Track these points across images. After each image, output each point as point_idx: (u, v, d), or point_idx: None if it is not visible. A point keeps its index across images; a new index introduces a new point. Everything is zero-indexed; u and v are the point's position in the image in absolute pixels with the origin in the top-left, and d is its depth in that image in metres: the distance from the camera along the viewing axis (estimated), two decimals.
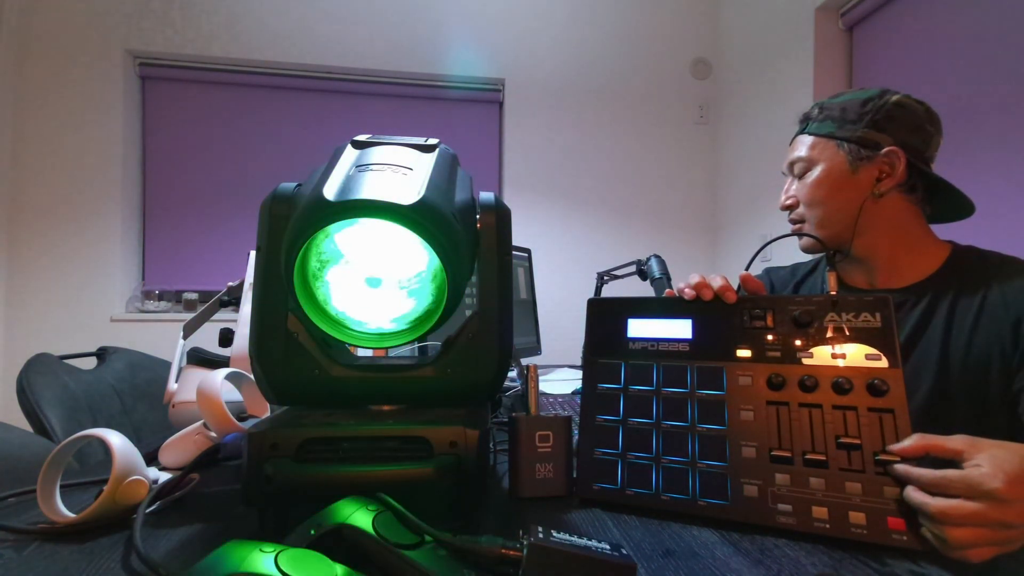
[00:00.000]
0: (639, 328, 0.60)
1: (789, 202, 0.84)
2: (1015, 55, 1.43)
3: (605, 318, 0.62)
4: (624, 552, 0.38)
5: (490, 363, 0.53)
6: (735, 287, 0.59)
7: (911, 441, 0.45)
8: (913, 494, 0.43)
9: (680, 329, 0.58)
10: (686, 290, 0.60)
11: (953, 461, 0.44)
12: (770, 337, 0.54)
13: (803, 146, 0.81)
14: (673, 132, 2.72)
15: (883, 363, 0.49)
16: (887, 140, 0.75)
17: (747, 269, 0.65)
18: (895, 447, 0.46)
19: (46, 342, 2.12)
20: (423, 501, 0.41)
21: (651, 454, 0.54)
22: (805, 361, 0.52)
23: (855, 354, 0.51)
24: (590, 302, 0.63)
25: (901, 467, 0.45)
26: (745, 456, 0.50)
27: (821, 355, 0.52)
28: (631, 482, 0.54)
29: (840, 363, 0.51)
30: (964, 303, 0.72)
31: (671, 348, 0.58)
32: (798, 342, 0.53)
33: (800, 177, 0.82)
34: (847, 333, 0.52)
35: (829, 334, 0.52)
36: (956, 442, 0.44)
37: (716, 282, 0.59)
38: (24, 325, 2.20)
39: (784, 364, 0.52)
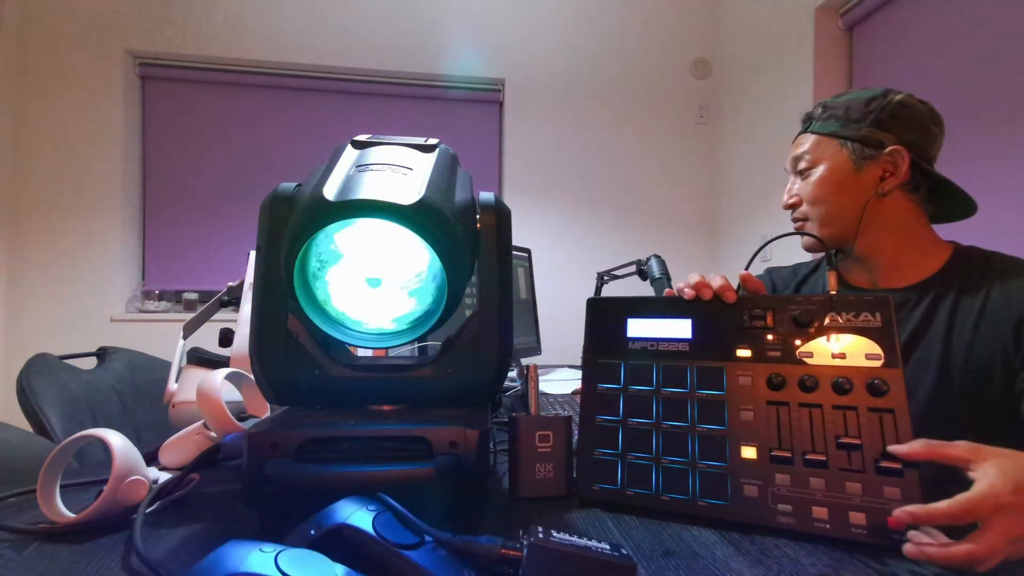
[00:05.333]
0: (639, 328, 0.60)
1: (792, 201, 0.84)
2: (1015, 55, 1.42)
3: (605, 318, 0.61)
4: (624, 552, 0.38)
5: (490, 363, 0.53)
6: (735, 287, 0.59)
7: (915, 447, 0.45)
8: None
9: (680, 329, 0.58)
10: (686, 290, 0.60)
11: (955, 468, 0.44)
12: (770, 337, 0.54)
13: (806, 145, 0.81)
14: (673, 132, 2.72)
15: (883, 363, 0.49)
16: (891, 139, 0.75)
17: (747, 268, 0.64)
18: (897, 450, 0.45)
19: (46, 342, 2.12)
20: (423, 501, 0.41)
21: (651, 454, 0.54)
22: (805, 361, 0.52)
23: (855, 354, 0.50)
24: (589, 302, 0.63)
25: (914, 549, 0.42)
26: (745, 456, 0.50)
27: (821, 355, 0.51)
28: (631, 482, 0.54)
29: (840, 363, 0.51)
30: (966, 303, 0.72)
31: (671, 348, 0.57)
32: (798, 342, 0.53)
33: (803, 176, 0.82)
34: (847, 333, 0.51)
35: (829, 334, 0.52)
36: (960, 449, 0.44)
37: (716, 281, 0.58)
38: (24, 325, 2.20)
39: (784, 364, 0.52)
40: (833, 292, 0.56)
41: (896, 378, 0.48)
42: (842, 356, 0.51)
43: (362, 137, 0.55)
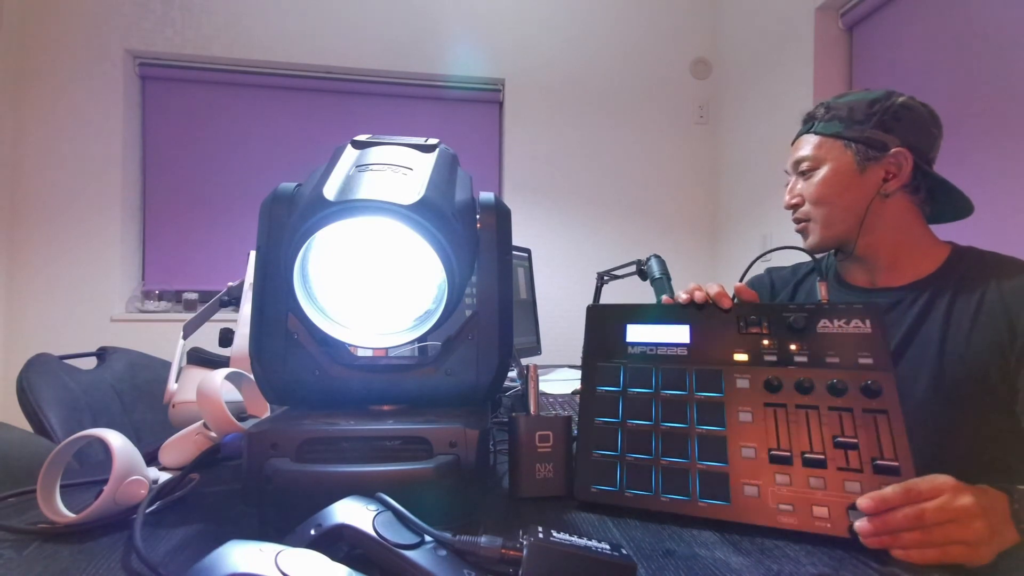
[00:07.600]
0: (638, 333, 0.60)
1: (794, 201, 0.84)
2: (1014, 55, 1.43)
3: (604, 324, 0.62)
4: (624, 552, 0.38)
5: (490, 363, 0.53)
6: (731, 296, 0.60)
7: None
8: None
9: (678, 334, 0.59)
10: (682, 295, 0.62)
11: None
12: (766, 342, 0.55)
13: (809, 145, 0.81)
14: (673, 132, 2.72)
15: (875, 367, 0.50)
16: (894, 141, 0.75)
17: (743, 277, 0.65)
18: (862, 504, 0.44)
19: (46, 342, 2.12)
20: (423, 501, 0.41)
21: (650, 455, 0.54)
22: (800, 365, 0.53)
23: (848, 359, 0.52)
24: (589, 309, 0.64)
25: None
26: (745, 457, 0.51)
27: (815, 360, 0.53)
28: (631, 483, 0.53)
29: (834, 366, 0.52)
30: (962, 302, 0.72)
31: (669, 352, 0.58)
32: (793, 347, 0.54)
33: (805, 176, 0.82)
34: (839, 339, 0.53)
35: (822, 340, 0.53)
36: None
37: (712, 289, 0.60)
38: (24, 325, 2.20)
39: (780, 368, 0.53)
40: (824, 301, 0.57)
41: (888, 381, 0.49)
42: (836, 361, 0.52)
43: (362, 137, 0.55)
